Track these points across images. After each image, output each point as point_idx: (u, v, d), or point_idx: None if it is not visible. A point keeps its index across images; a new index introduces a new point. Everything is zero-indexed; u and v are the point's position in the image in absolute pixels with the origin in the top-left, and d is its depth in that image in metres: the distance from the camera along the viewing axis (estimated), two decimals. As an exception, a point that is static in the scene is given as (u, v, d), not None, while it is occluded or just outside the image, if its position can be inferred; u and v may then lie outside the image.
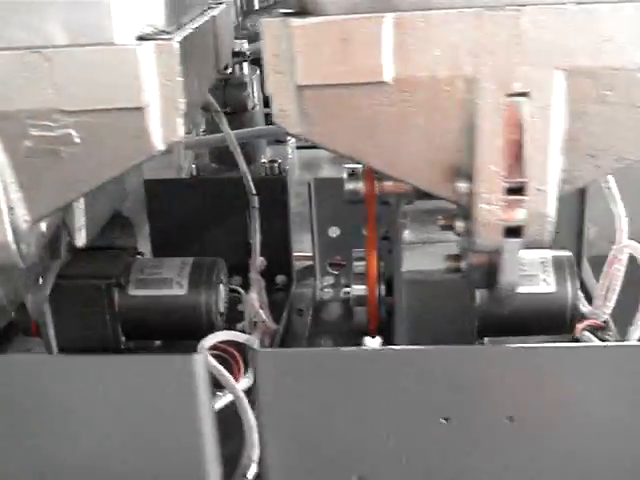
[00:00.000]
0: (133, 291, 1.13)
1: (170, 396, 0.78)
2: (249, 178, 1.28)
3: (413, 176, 0.76)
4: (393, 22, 0.69)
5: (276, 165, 1.61)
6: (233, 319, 1.24)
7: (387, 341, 1.12)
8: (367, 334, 1.13)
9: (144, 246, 1.28)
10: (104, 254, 1.16)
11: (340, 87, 0.71)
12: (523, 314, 1.08)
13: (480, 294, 1.07)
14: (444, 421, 0.78)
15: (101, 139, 0.75)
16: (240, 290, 1.27)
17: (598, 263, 1.50)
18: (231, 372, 1.06)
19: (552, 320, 1.08)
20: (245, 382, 1.04)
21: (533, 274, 1.09)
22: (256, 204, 1.29)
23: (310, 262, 1.45)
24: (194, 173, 1.62)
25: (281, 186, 1.34)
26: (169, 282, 1.14)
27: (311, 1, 0.71)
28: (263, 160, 1.67)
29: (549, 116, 0.71)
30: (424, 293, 1.07)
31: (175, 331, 1.15)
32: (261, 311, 1.21)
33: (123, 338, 1.14)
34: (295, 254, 1.47)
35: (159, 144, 0.75)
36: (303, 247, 1.49)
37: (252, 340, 1.15)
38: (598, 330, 1.11)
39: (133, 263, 1.16)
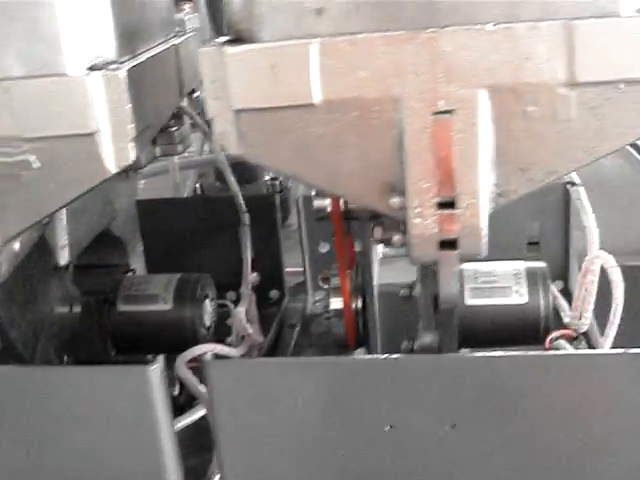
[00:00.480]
0: (122, 307, 1.18)
1: (127, 407, 0.82)
2: (240, 196, 1.32)
3: (350, 193, 0.79)
4: (319, 47, 0.73)
5: (277, 182, 1.65)
6: (223, 333, 1.28)
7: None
8: (345, 346, 1.18)
9: (138, 264, 1.33)
10: (95, 272, 1.21)
11: (273, 110, 0.75)
12: (496, 326, 1.10)
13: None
14: (389, 428, 0.81)
15: (57, 164, 0.80)
16: (230, 304, 1.31)
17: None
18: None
19: (525, 331, 1.10)
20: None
21: (505, 286, 1.11)
22: (247, 221, 1.34)
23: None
24: (199, 192, 1.68)
25: (271, 203, 1.38)
26: (155, 298, 1.18)
27: (245, 29, 0.75)
28: (266, 178, 1.71)
29: (475, 132, 0.74)
30: (396, 306, 1.10)
31: (162, 345, 1.19)
32: (248, 325, 1.25)
33: (113, 352, 1.19)
34: (292, 269, 1.51)
35: (112, 168, 0.80)
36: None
37: (233, 352, 1.20)
38: (573, 341, 1.11)
39: (123, 280, 1.21)
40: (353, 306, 1.14)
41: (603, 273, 1.31)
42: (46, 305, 1.09)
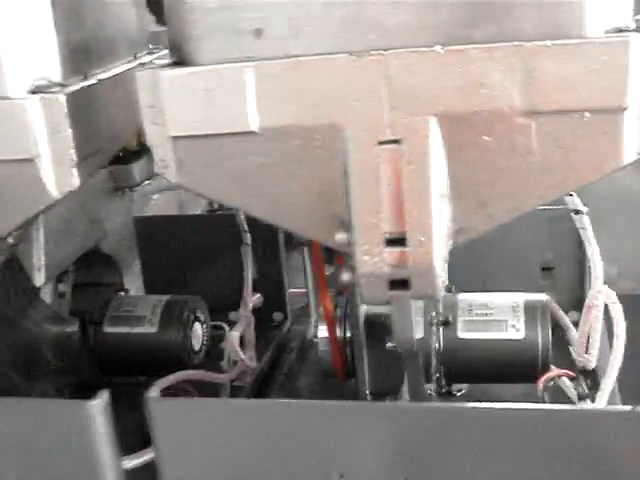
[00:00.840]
0: (108, 328, 1.15)
1: (70, 444, 0.78)
2: (241, 215, 1.28)
3: (297, 227, 0.74)
4: (256, 70, 0.68)
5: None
6: (219, 356, 1.24)
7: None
8: (334, 376, 1.12)
9: (135, 283, 1.30)
10: (86, 291, 1.19)
11: (211, 137, 0.70)
12: (489, 361, 1.03)
13: (444, 339, 1.03)
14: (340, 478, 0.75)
15: (1, 190, 0.77)
16: (225, 327, 1.27)
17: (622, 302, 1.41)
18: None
19: (521, 368, 1.02)
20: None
21: (502, 319, 1.03)
22: (248, 241, 1.29)
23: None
24: (215, 206, 1.64)
25: (273, 222, 1.33)
26: (142, 320, 1.15)
27: (185, 52, 0.71)
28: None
29: (426, 164, 0.67)
30: (384, 337, 1.04)
31: (148, 368, 1.15)
32: (239, 349, 1.20)
33: (101, 374, 1.16)
34: (302, 290, 1.45)
35: (55, 193, 0.77)
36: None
37: (220, 378, 1.16)
38: (573, 380, 1.03)
39: (111, 300, 1.18)
40: (341, 335, 1.09)
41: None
42: (30, 329, 1.07)
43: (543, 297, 1.05)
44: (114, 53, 0.88)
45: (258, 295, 1.33)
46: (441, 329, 1.03)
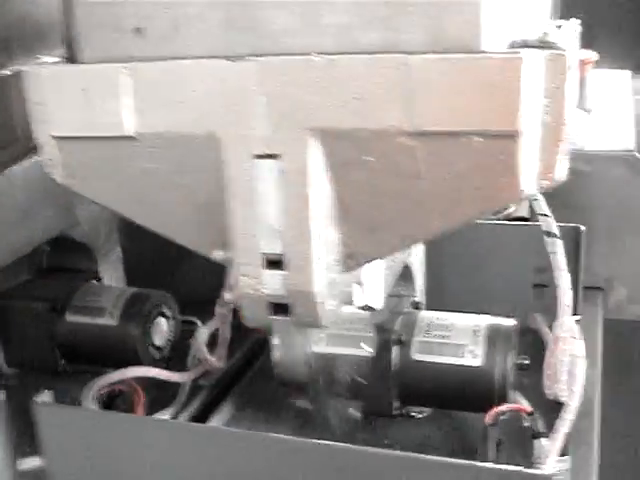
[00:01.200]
0: (70, 317, 1.14)
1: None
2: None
3: (180, 237, 0.70)
4: (134, 72, 0.63)
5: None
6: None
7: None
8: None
9: (111, 271, 1.28)
10: (54, 277, 1.18)
11: (90, 140, 0.66)
12: (442, 386, 0.96)
13: (397, 359, 0.97)
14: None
15: None
16: (198, 323, 1.24)
17: (628, 328, 1.30)
18: (131, 407, 1.03)
19: (475, 397, 0.94)
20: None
21: (460, 343, 0.96)
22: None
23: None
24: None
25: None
26: (103, 311, 1.13)
27: (71, 48, 0.67)
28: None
29: (304, 182, 0.62)
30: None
31: (108, 360, 1.14)
32: (204, 348, 1.17)
33: (62, 361, 1.15)
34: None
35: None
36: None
37: (175, 377, 1.13)
38: (529, 416, 0.94)
39: (78, 288, 1.17)
40: (296, 344, 1.03)
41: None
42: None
43: (510, 322, 0.97)
44: (47, 45, 0.85)
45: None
46: (394, 348, 0.97)
